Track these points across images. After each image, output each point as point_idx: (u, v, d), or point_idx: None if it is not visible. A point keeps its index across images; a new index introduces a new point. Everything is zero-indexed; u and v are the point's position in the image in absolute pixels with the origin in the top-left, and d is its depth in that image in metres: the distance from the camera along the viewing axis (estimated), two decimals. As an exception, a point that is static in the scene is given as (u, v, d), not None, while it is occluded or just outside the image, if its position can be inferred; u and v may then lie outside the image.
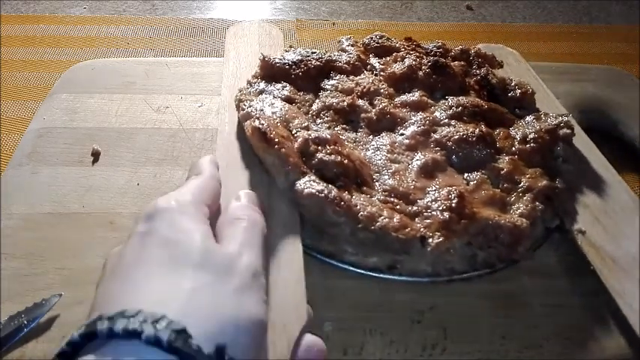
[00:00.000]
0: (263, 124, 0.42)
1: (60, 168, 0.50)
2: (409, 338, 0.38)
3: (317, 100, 0.50)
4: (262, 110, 0.45)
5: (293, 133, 0.44)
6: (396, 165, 0.44)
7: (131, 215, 0.46)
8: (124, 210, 0.46)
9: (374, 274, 0.39)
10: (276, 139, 0.41)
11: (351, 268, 0.39)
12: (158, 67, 0.64)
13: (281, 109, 0.46)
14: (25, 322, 0.37)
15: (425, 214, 0.40)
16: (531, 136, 0.48)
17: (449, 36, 0.85)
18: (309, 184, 0.39)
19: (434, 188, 0.42)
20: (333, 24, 0.87)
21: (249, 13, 0.89)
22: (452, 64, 0.55)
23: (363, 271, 0.39)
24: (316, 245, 0.40)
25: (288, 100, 0.49)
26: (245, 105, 0.47)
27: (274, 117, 0.45)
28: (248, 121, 0.43)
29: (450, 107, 0.50)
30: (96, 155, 0.51)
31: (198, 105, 0.59)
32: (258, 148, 0.42)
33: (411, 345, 0.38)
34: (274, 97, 0.48)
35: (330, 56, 0.54)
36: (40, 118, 0.55)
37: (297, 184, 0.39)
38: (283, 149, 0.40)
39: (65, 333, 0.37)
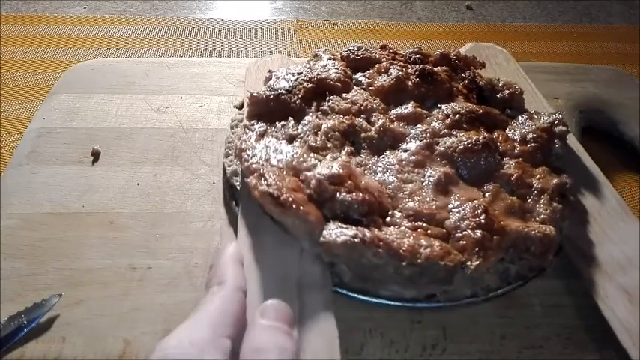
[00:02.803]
0: (271, 185, 0.38)
1: (60, 168, 0.50)
2: (409, 338, 0.38)
3: (321, 129, 0.47)
4: (267, 160, 0.42)
5: (303, 176, 0.41)
6: (410, 185, 0.43)
7: (131, 215, 0.46)
8: (124, 210, 0.46)
9: (414, 305, 0.38)
10: (290, 199, 0.38)
11: (391, 303, 0.38)
12: (158, 67, 0.64)
13: (286, 155, 0.43)
14: (25, 322, 0.37)
15: (457, 235, 0.39)
16: (530, 136, 0.48)
17: (449, 36, 0.85)
18: (339, 232, 0.37)
19: (456, 205, 0.41)
20: (333, 24, 0.87)
21: (249, 13, 0.89)
22: (436, 69, 0.54)
23: (402, 304, 0.38)
24: (349, 283, 0.38)
25: (291, 138, 0.46)
26: (248, 155, 0.43)
27: (280, 165, 0.42)
28: (252, 180, 0.40)
29: (447, 116, 0.49)
30: (96, 155, 0.51)
31: (198, 105, 0.59)
32: (272, 212, 0.39)
33: (411, 345, 0.38)
34: (277, 139, 0.45)
35: (318, 73, 0.52)
36: (40, 118, 0.55)
37: (325, 235, 0.37)
38: (301, 208, 0.37)
39: (65, 333, 0.37)
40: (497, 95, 0.54)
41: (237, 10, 0.90)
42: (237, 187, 0.45)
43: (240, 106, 0.54)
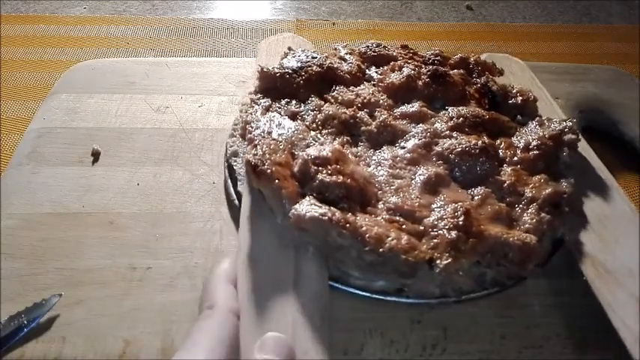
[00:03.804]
0: (256, 155, 0.40)
1: (60, 168, 0.50)
2: (409, 338, 0.38)
3: (322, 110, 0.49)
4: (270, 132, 0.44)
5: (296, 154, 0.43)
6: (399, 181, 0.43)
7: (131, 215, 0.46)
8: (124, 210, 0.46)
9: (382, 298, 0.39)
10: (269, 170, 0.39)
11: (359, 292, 0.39)
12: (158, 67, 0.64)
13: (288, 130, 0.45)
14: (25, 322, 0.37)
15: (432, 233, 0.39)
16: (534, 143, 0.47)
17: (449, 36, 0.85)
18: (309, 208, 0.37)
19: (439, 205, 0.41)
20: (333, 24, 0.87)
21: (249, 13, 0.89)
22: (451, 72, 0.54)
23: (370, 295, 0.39)
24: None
25: (293, 115, 0.48)
26: (252, 127, 0.45)
27: (280, 139, 0.43)
28: (248, 149, 0.42)
29: (451, 118, 0.49)
30: (96, 155, 0.51)
31: (198, 105, 0.59)
32: (252, 181, 0.40)
33: (411, 345, 0.38)
34: (281, 115, 0.47)
35: (331, 63, 0.53)
36: (40, 118, 0.55)
37: (297, 209, 0.37)
38: (277, 180, 0.38)
39: (65, 333, 0.37)
40: (510, 102, 0.53)
41: (237, 10, 0.90)
42: (235, 167, 0.47)
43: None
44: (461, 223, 0.39)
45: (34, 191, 0.47)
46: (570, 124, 0.49)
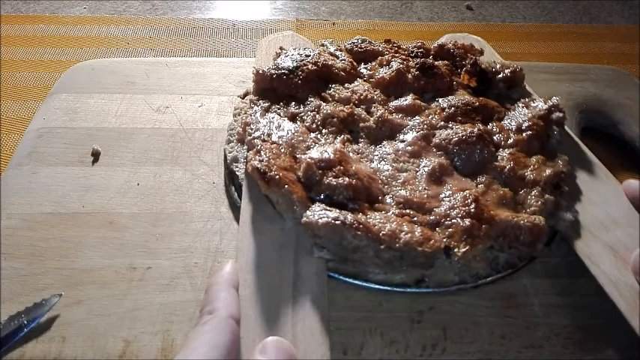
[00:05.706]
0: (262, 160, 0.40)
1: (60, 168, 0.50)
2: (409, 338, 0.38)
3: (320, 110, 0.49)
4: (269, 135, 0.44)
5: (298, 157, 0.43)
6: (404, 174, 0.44)
7: (131, 215, 0.46)
8: (124, 210, 0.46)
9: (403, 290, 0.39)
10: (277, 176, 0.39)
11: (379, 287, 0.39)
12: (158, 67, 0.64)
13: (288, 133, 0.45)
14: (25, 322, 0.37)
15: (445, 222, 0.40)
16: (525, 124, 0.48)
17: (449, 36, 0.85)
18: (321, 214, 0.38)
19: (447, 194, 0.42)
20: (333, 24, 0.87)
21: (249, 13, 0.89)
22: (437, 63, 0.55)
23: (390, 288, 0.39)
24: (339, 267, 0.39)
25: (293, 117, 0.48)
26: (251, 129, 0.46)
27: (280, 142, 0.44)
28: (250, 154, 0.42)
29: (443, 109, 0.50)
30: (96, 155, 0.51)
31: (198, 105, 0.59)
32: (260, 187, 0.40)
33: (411, 345, 0.38)
34: (281, 116, 0.48)
35: (325, 60, 0.53)
36: (40, 118, 0.55)
37: (308, 216, 0.38)
38: (286, 186, 0.39)
39: (65, 333, 0.37)
40: (499, 76, 0.54)
41: (237, 10, 0.90)
42: (237, 173, 0.46)
43: (244, 96, 0.55)
44: (473, 210, 0.40)
45: (34, 191, 0.47)
46: (555, 102, 0.51)
